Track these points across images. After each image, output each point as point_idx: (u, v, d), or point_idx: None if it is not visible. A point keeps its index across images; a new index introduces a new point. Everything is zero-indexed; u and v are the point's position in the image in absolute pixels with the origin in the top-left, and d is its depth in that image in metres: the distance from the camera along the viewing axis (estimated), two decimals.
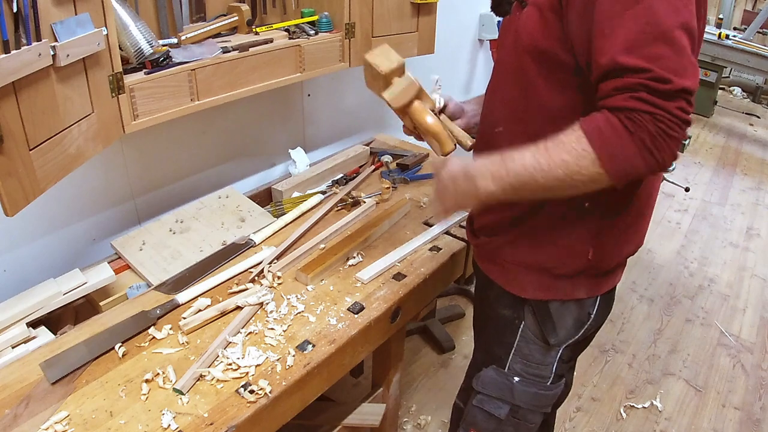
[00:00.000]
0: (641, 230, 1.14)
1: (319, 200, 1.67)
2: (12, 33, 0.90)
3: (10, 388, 1.04)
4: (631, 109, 0.84)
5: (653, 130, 0.83)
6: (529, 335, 1.14)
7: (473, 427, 1.24)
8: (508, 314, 1.15)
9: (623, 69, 0.84)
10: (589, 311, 1.12)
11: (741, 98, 5.73)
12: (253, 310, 1.23)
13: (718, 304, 2.70)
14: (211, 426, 0.97)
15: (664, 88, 0.82)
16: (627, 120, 0.84)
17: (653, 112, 0.83)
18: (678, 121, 0.83)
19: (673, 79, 0.82)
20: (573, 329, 1.13)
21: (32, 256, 1.43)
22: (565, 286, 1.09)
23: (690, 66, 0.84)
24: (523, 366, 1.16)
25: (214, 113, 1.69)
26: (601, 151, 0.86)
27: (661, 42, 0.83)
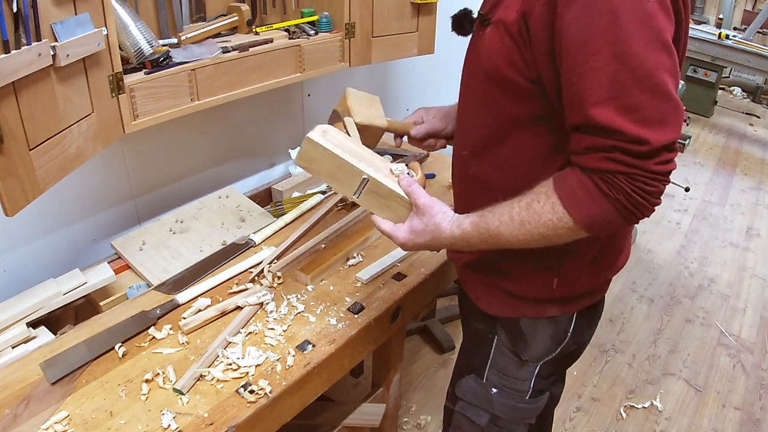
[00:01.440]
0: (615, 258, 1.09)
1: (319, 200, 1.67)
2: (12, 33, 0.90)
3: (10, 388, 1.04)
4: (605, 170, 0.81)
5: (629, 190, 0.80)
6: (503, 349, 1.11)
7: (459, 430, 1.23)
8: (481, 328, 1.14)
9: (595, 127, 0.80)
10: (565, 328, 1.08)
11: (741, 98, 5.73)
12: (253, 310, 1.23)
13: (718, 304, 2.70)
14: (211, 426, 0.97)
15: (639, 150, 0.79)
16: (602, 182, 0.81)
17: (628, 173, 0.80)
18: (657, 176, 0.80)
19: (650, 138, 0.78)
20: (550, 346, 1.10)
21: (32, 256, 1.43)
22: (532, 306, 1.06)
23: (672, 111, 0.79)
24: (500, 378, 1.13)
25: (214, 113, 1.69)
26: (578, 217, 0.84)
27: (638, 88, 0.78)
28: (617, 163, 0.79)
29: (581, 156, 0.83)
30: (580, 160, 0.84)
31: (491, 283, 1.07)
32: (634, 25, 0.76)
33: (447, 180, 1.81)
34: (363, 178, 0.98)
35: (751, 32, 4.66)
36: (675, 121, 0.80)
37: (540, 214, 0.87)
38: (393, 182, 1.00)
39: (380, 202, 1.01)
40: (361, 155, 1.00)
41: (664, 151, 0.79)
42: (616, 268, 1.11)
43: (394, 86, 2.39)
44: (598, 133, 0.80)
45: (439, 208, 0.99)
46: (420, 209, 0.99)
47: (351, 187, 1.00)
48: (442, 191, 1.78)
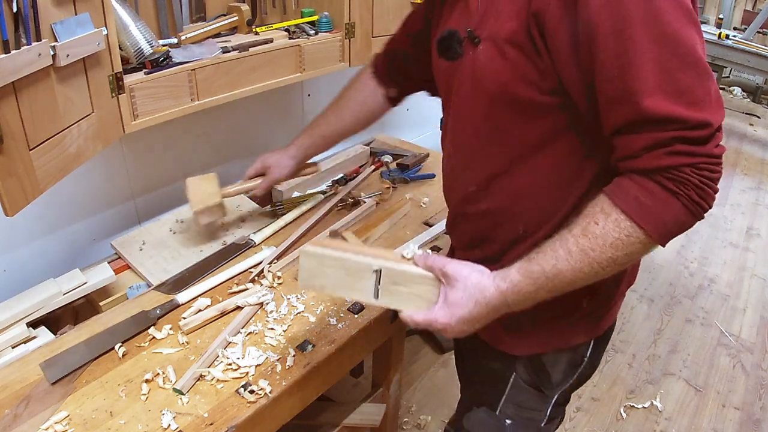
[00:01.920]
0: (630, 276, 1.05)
1: (319, 200, 1.67)
2: (12, 33, 0.90)
3: (10, 388, 1.04)
4: (670, 167, 0.73)
5: (698, 182, 0.73)
6: (522, 384, 1.05)
7: None
8: (497, 367, 1.06)
9: (650, 120, 0.73)
10: (583, 354, 1.03)
11: (741, 98, 5.73)
12: (253, 310, 1.22)
13: (718, 304, 2.70)
14: (211, 426, 0.97)
15: (702, 135, 0.72)
16: (668, 181, 0.74)
17: (694, 163, 0.73)
18: (718, 161, 0.74)
19: (711, 119, 0.72)
20: (568, 374, 1.05)
21: (32, 256, 1.43)
22: (562, 334, 0.99)
23: (715, 88, 0.74)
24: (516, 410, 1.08)
25: (214, 113, 1.69)
26: (650, 226, 0.75)
27: (684, 70, 0.72)
28: (681, 155, 0.73)
29: (636, 159, 0.75)
30: (635, 164, 0.76)
31: (516, 323, 0.94)
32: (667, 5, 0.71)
33: None
34: (374, 271, 0.85)
35: (751, 32, 4.67)
36: (719, 97, 0.75)
37: (603, 236, 0.76)
38: (409, 265, 0.87)
39: (404, 293, 0.86)
40: (365, 253, 0.88)
41: (718, 132, 0.74)
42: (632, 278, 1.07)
43: None
44: (653, 127, 0.73)
45: (472, 267, 0.84)
46: (450, 278, 0.83)
47: (367, 288, 0.87)
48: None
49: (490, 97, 0.85)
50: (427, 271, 0.85)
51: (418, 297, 0.86)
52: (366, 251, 0.89)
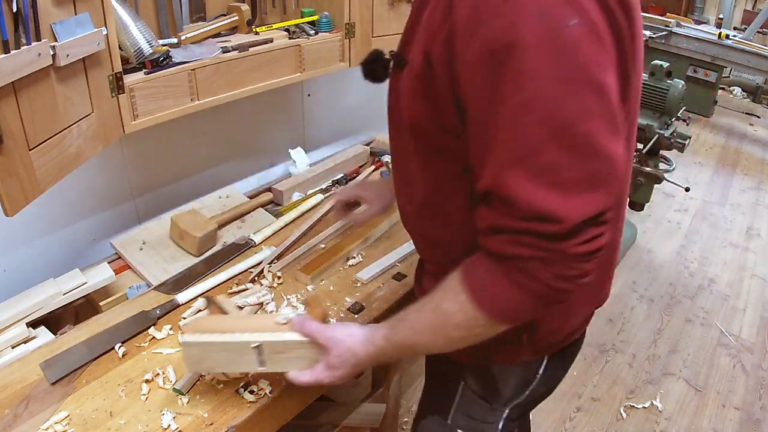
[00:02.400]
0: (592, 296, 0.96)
1: (319, 200, 1.67)
2: (12, 33, 0.90)
3: (10, 388, 1.04)
4: (516, 257, 0.66)
5: (546, 278, 0.66)
6: (471, 395, 1.01)
7: None
8: (448, 372, 1.02)
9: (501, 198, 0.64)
10: (535, 371, 0.97)
11: (741, 98, 5.73)
12: (253, 310, 1.22)
13: (718, 304, 2.70)
14: (211, 426, 0.97)
15: (553, 230, 0.63)
16: (515, 271, 0.67)
17: (543, 258, 0.65)
18: (581, 258, 0.65)
19: (565, 215, 0.61)
20: (520, 389, 0.99)
21: (32, 256, 1.43)
22: (507, 356, 0.94)
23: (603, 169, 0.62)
24: (467, 421, 1.03)
25: (214, 113, 1.69)
26: (492, 313, 0.71)
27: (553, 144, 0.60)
28: (528, 247, 0.64)
29: (487, 238, 0.69)
30: (486, 243, 0.69)
31: None
32: (546, 62, 0.59)
33: None
34: (253, 347, 0.89)
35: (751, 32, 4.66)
36: (606, 182, 0.63)
37: (450, 315, 0.74)
38: (287, 332, 0.90)
39: (289, 358, 0.91)
40: (243, 326, 0.92)
41: (587, 227, 0.63)
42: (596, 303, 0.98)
43: None
44: (504, 207, 0.65)
45: (344, 332, 0.88)
46: (325, 346, 0.87)
47: (252, 360, 0.91)
48: None
49: (407, 125, 0.80)
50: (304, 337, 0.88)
51: (301, 359, 0.90)
52: (244, 324, 0.92)
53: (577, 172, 0.62)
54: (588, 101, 0.61)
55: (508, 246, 0.66)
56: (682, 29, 4.64)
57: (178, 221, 1.45)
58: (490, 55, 0.61)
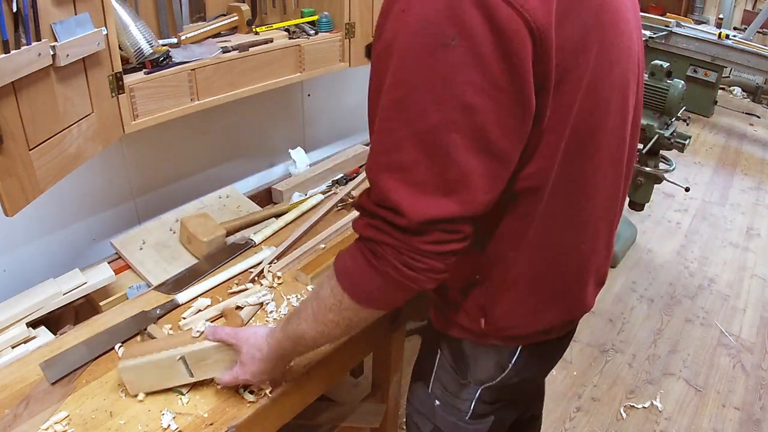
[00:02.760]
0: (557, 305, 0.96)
1: (319, 200, 1.67)
2: (12, 33, 0.90)
3: (10, 388, 1.04)
4: (370, 239, 0.73)
5: (397, 264, 0.71)
6: (446, 365, 1.05)
7: None
8: (430, 338, 1.08)
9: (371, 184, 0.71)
10: (508, 359, 0.98)
11: (741, 98, 5.73)
12: (253, 310, 1.22)
13: (718, 304, 2.70)
14: (211, 426, 0.97)
15: (398, 222, 0.68)
16: (369, 252, 0.73)
17: (394, 245, 0.70)
18: (428, 254, 0.70)
19: (408, 210, 0.67)
20: (492, 373, 1.00)
21: (32, 256, 1.43)
22: (475, 336, 0.97)
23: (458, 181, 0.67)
24: (442, 393, 1.07)
25: (214, 113, 1.69)
26: (353, 293, 0.77)
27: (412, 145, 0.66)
28: (381, 232, 0.71)
29: (355, 220, 0.75)
30: (354, 223, 0.75)
31: (440, 300, 0.99)
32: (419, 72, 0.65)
33: None
34: (178, 360, 0.99)
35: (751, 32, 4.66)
36: (457, 192, 0.67)
37: (324, 299, 0.79)
38: (203, 342, 1.01)
39: (211, 364, 1.01)
40: (168, 345, 1.01)
41: (434, 229, 0.68)
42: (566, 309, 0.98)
43: None
44: (369, 191, 0.72)
45: (250, 332, 0.96)
46: (235, 345, 0.96)
47: (181, 373, 1.01)
48: None
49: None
50: (217, 342, 0.99)
51: (222, 362, 1.01)
52: (169, 343, 1.02)
53: (430, 175, 0.67)
54: (452, 116, 0.65)
55: (367, 228, 0.73)
56: (682, 29, 4.64)
57: (187, 224, 1.44)
58: (382, 54, 0.69)
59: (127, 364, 0.99)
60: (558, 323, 0.98)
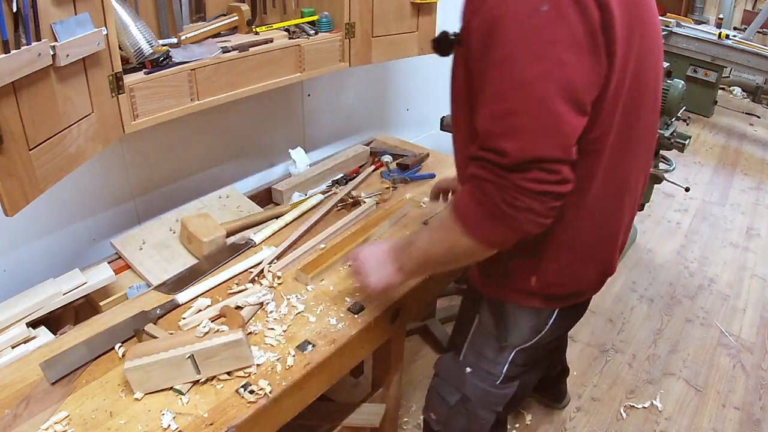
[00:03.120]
0: (595, 265, 1.08)
1: (319, 200, 1.67)
2: (12, 33, 0.90)
3: (10, 388, 1.04)
4: (478, 178, 0.84)
5: (498, 200, 0.82)
6: (483, 330, 1.15)
7: (432, 410, 1.27)
8: (468, 305, 1.18)
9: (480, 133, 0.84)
10: (546, 320, 1.11)
11: (741, 98, 5.73)
12: (253, 310, 1.22)
13: (718, 304, 2.70)
14: (211, 426, 0.97)
15: (500, 161, 0.80)
16: (476, 189, 0.85)
17: (495, 182, 0.82)
18: (526, 193, 0.80)
19: (510, 150, 0.78)
20: (529, 334, 1.12)
21: (32, 256, 1.43)
22: (520, 297, 1.08)
23: (551, 125, 0.78)
24: (476, 359, 1.16)
25: (214, 113, 1.69)
26: (460, 222, 0.89)
27: (513, 95, 0.78)
28: (486, 171, 0.82)
29: (470, 164, 0.87)
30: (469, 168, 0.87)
31: (489, 263, 1.05)
32: (518, 34, 0.78)
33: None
34: (187, 358, 1.01)
35: (751, 32, 4.66)
36: (551, 136, 0.78)
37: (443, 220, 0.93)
38: (213, 338, 1.04)
39: (219, 361, 1.04)
40: (174, 344, 1.04)
41: (532, 167, 0.79)
42: (600, 266, 1.10)
43: (394, 86, 2.39)
44: (479, 140, 0.83)
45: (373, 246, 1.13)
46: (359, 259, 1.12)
47: (189, 370, 1.03)
48: None
49: (455, 87, 0.98)
50: (230, 339, 1.03)
51: (230, 359, 1.04)
52: (174, 342, 1.04)
53: (528, 120, 0.78)
54: (547, 68, 0.77)
55: (476, 169, 0.85)
56: (682, 29, 4.64)
57: (188, 224, 1.44)
58: (484, 25, 0.82)
59: (132, 364, 1.00)
60: (593, 284, 1.11)
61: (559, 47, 0.77)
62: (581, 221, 0.98)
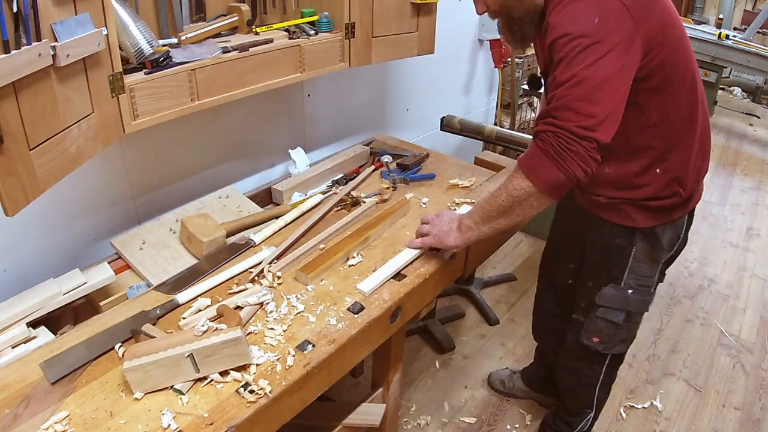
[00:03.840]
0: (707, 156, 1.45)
1: (319, 200, 1.67)
2: (12, 33, 0.90)
3: (10, 388, 1.04)
4: (541, 131, 1.13)
5: (555, 144, 1.10)
6: (639, 256, 1.41)
7: (596, 335, 1.53)
8: (621, 242, 1.41)
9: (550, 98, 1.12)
10: (680, 227, 1.41)
11: (741, 98, 5.73)
12: (253, 310, 1.22)
13: (718, 304, 2.70)
14: (211, 426, 0.97)
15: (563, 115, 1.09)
16: (539, 140, 1.13)
17: (554, 131, 1.10)
18: (575, 137, 1.08)
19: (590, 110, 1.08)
20: (672, 245, 1.42)
21: (32, 256, 1.43)
22: (668, 215, 1.37)
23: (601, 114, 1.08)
24: (636, 280, 1.43)
25: (214, 113, 1.69)
26: (524, 167, 1.17)
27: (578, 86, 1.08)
28: (547, 124, 1.11)
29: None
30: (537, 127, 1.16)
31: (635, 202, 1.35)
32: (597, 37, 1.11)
33: (447, 180, 1.81)
34: (186, 357, 1.02)
35: (751, 32, 4.66)
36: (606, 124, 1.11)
37: (509, 177, 1.20)
38: (212, 337, 1.04)
39: (218, 359, 1.04)
40: (173, 343, 1.04)
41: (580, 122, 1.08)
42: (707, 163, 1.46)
43: (394, 86, 2.39)
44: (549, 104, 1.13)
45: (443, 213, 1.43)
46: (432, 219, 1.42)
47: (188, 369, 1.03)
48: (442, 191, 1.78)
49: None
50: (228, 337, 1.03)
51: (229, 357, 1.05)
52: (172, 342, 1.04)
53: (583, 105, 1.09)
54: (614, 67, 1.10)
55: (540, 125, 1.13)
56: None
57: (188, 224, 1.44)
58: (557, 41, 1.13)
59: (131, 364, 1.00)
60: (702, 186, 1.45)
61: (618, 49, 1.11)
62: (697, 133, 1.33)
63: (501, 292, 2.67)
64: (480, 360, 2.26)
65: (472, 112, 3.01)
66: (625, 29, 1.11)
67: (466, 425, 1.99)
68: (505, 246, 2.49)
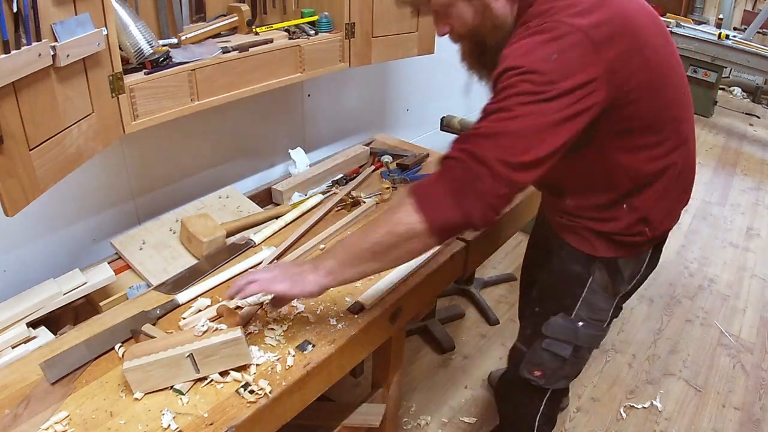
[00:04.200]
0: (682, 203, 1.29)
1: (319, 200, 1.67)
2: (12, 33, 0.90)
3: (10, 388, 1.04)
4: (450, 156, 0.93)
5: (461, 176, 0.91)
6: (596, 287, 1.28)
7: (538, 368, 1.38)
8: (578, 270, 1.28)
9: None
10: (643, 261, 1.29)
11: (741, 98, 5.73)
12: (252, 310, 1.22)
13: (718, 304, 2.70)
14: (211, 426, 0.97)
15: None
16: (444, 166, 0.94)
17: (464, 160, 0.90)
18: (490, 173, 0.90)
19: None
20: (631, 278, 1.29)
21: (32, 256, 1.43)
22: (631, 249, 1.24)
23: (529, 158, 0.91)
24: (588, 312, 1.30)
25: (215, 113, 1.69)
26: (416, 197, 0.95)
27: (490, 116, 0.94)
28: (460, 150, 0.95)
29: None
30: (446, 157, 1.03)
31: (596, 231, 1.22)
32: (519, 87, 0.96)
33: None
34: (186, 357, 1.02)
35: (751, 32, 4.66)
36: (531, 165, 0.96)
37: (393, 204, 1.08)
38: (212, 337, 1.04)
39: (218, 359, 1.04)
40: (172, 343, 1.04)
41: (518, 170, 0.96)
42: (683, 204, 1.30)
43: (394, 86, 2.39)
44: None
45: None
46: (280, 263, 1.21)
47: (188, 369, 1.03)
48: None
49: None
50: (229, 337, 1.03)
51: (229, 357, 1.05)
52: (172, 342, 1.04)
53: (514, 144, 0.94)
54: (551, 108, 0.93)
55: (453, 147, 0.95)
56: (682, 29, 4.64)
57: (188, 224, 1.44)
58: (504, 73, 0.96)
59: (131, 364, 1.00)
60: (676, 221, 1.30)
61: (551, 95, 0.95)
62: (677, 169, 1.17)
63: (501, 292, 2.67)
64: (480, 360, 2.26)
65: (472, 112, 3.02)
66: (587, 73, 0.93)
67: (466, 425, 1.99)
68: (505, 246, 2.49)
